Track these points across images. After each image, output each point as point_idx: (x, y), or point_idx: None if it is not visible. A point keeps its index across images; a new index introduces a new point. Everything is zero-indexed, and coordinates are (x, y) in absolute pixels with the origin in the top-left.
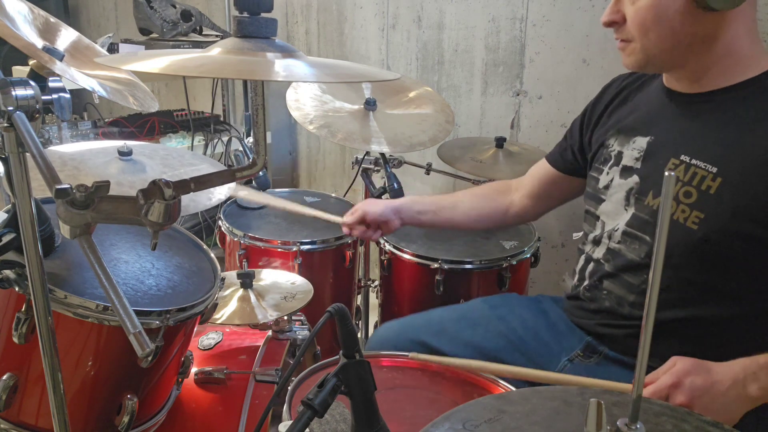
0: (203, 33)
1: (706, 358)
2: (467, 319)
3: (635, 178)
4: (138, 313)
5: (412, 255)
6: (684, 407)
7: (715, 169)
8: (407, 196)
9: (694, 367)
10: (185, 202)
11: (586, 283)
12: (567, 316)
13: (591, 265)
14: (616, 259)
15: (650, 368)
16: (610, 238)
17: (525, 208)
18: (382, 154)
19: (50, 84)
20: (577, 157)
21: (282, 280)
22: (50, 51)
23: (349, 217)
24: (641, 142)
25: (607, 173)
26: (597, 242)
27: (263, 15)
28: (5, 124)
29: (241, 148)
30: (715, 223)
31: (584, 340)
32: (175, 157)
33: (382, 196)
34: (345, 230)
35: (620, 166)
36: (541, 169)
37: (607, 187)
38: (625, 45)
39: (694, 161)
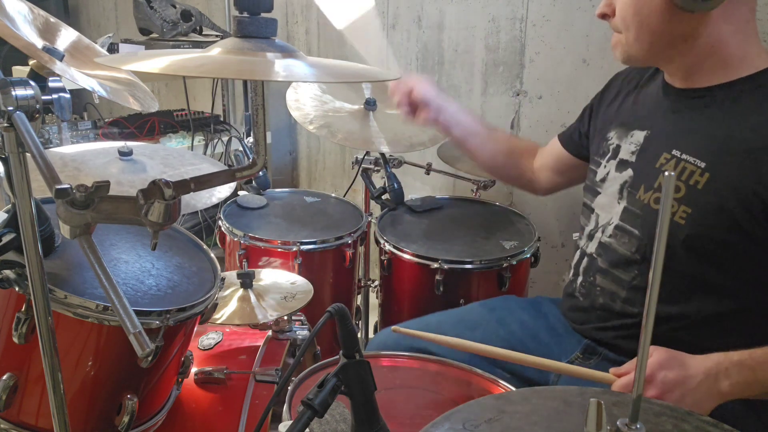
0: (203, 33)
1: (695, 354)
2: (466, 322)
3: (629, 172)
4: (138, 313)
5: (412, 255)
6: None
7: (703, 164)
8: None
9: (667, 360)
10: (186, 200)
11: (580, 279)
12: (565, 320)
13: (585, 261)
14: (607, 254)
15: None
16: (603, 232)
17: (538, 179)
18: (382, 154)
19: (50, 84)
20: (583, 141)
21: (282, 280)
22: (50, 51)
23: (401, 85)
24: (639, 136)
25: (605, 166)
26: (591, 237)
27: (263, 15)
28: (5, 124)
29: (241, 148)
30: (701, 218)
31: (583, 342)
32: (176, 156)
33: (383, 197)
34: (391, 86)
35: (617, 159)
36: (554, 145)
37: (603, 180)
38: (615, 36)
39: (684, 156)
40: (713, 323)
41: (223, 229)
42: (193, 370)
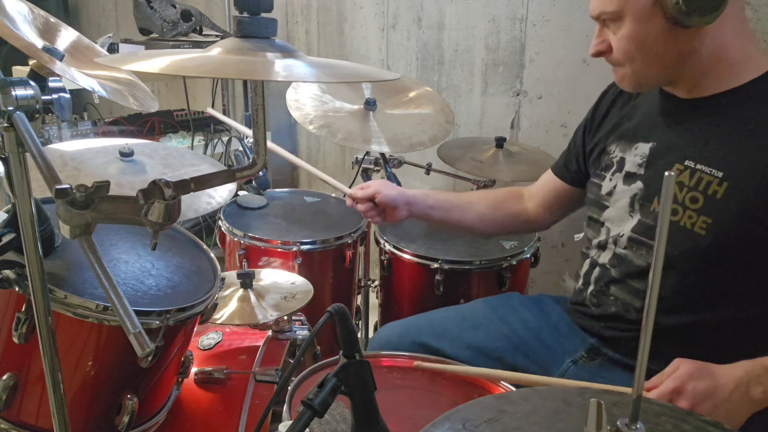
0: (203, 33)
1: (713, 362)
2: (469, 320)
3: (639, 185)
4: (138, 313)
5: (412, 255)
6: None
7: (720, 174)
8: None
9: (696, 371)
10: (185, 208)
11: (591, 288)
12: (570, 318)
13: (597, 270)
14: (622, 265)
15: (653, 371)
16: (615, 243)
17: (538, 217)
18: (382, 154)
19: (50, 84)
20: (581, 167)
21: (282, 280)
22: (50, 51)
23: (359, 191)
24: (643, 148)
25: (610, 179)
26: (602, 247)
27: (263, 15)
28: (5, 124)
29: (241, 148)
30: (723, 227)
31: (588, 342)
32: (176, 157)
33: None
34: (349, 202)
35: (623, 172)
36: (549, 180)
37: (610, 193)
38: (617, 69)
39: (699, 166)
40: (731, 331)
41: (223, 229)
42: (193, 370)
